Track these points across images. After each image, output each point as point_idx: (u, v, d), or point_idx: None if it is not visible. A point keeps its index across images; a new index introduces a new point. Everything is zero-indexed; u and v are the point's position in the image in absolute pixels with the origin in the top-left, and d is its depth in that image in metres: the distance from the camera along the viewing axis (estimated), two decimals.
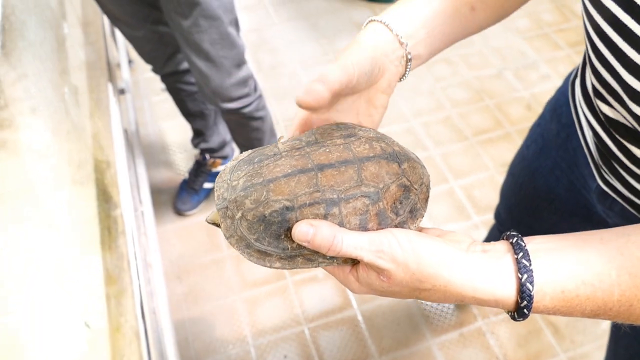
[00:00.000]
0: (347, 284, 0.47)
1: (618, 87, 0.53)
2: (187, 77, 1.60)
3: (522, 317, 0.43)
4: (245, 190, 0.45)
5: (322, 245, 0.42)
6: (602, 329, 1.59)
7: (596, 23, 0.52)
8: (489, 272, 0.43)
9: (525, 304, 0.42)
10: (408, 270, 0.42)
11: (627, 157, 0.61)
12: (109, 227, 1.02)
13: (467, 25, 0.58)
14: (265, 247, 0.44)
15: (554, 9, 2.64)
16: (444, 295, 0.43)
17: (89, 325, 0.74)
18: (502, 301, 0.43)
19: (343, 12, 2.65)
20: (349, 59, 0.48)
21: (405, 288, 0.43)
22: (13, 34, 0.74)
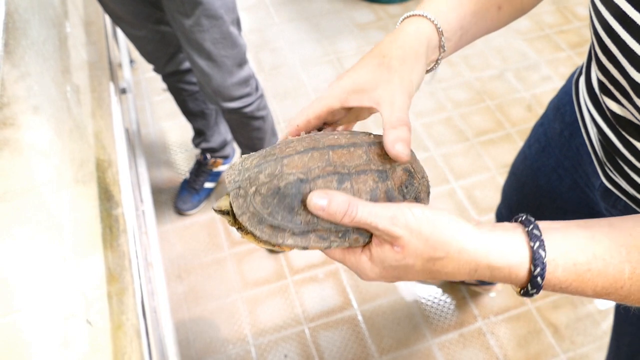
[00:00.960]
0: (360, 268, 0.46)
1: (625, 83, 0.53)
2: (189, 77, 1.60)
3: (536, 289, 0.43)
4: (259, 166, 0.46)
5: (337, 211, 0.42)
6: (602, 330, 1.59)
7: (604, 19, 0.52)
8: (502, 241, 0.43)
9: (539, 271, 0.42)
10: (421, 237, 0.42)
11: (633, 153, 0.61)
12: (110, 226, 1.02)
13: (492, 23, 0.60)
14: (278, 222, 0.44)
15: (555, 11, 2.64)
16: (458, 264, 0.43)
17: (91, 323, 0.75)
18: (515, 270, 0.43)
19: (344, 12, 2.66)
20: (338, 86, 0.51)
21: (419, 259, 0.43)
22: (16, 33, 0.74)
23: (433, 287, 1.69)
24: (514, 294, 1.65)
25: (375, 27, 2.57)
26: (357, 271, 0.47)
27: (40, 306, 0.70)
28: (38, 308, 0.69)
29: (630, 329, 0.79)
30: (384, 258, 0.44)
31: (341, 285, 1.70)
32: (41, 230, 0.79)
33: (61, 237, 0.83)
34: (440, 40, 0.54)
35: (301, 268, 1.74)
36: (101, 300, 0.84)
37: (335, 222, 0.43)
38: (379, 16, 2.62)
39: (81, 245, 0.87)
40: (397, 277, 0.46)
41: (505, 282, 0.44)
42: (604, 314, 1.63)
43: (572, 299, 1.65)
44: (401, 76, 0.50)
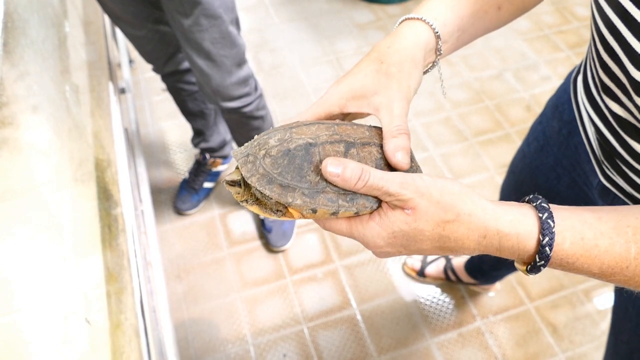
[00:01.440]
0: (367, 236, 0.46)
1: (626, 82, 0.54)
2: (188, 77, 1.60)
3: (544, 261, 0.43)
4: (268, 134, 0.47)
5: (351, 177, 0.44)
6: (600, 329, 1.60)
7: (607, 16, 0.52)
8: (511, 211, 0.44)
9: (547, 240, 0.42)
10: (432, 199, 0.43)
11: (630, 153, 0.62)
12: (109, 225, 1.02)
13: (492, 23, 0.60)
14: (288, 182, 0.45)
15: (555, 11, 2.65)
16: (468, 228, 0.43)
17: (90, 322, 0.75)
18: (523, 239, 0.43)
19: (344, 13, 2.66)
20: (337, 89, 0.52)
21: (429, 222, 0.43)
22: (15, 32, 0.74)
23: (432, 287, 1.70)
24: (512, 293, 1.65)
25: (375, 27, 2.58)
26: (364, 240, 0.47)
27: (40, 305, 0.70)
28: (38, 307, 0.69)
29: (629, 326, 0.79)
30: (394, 221, 0.44)
31: (340, 285, 1.70)
32: (40, 230, 0.79)
33: (60, 236, 0.83)
34: (437, 44, 0.55)
35: (300, 268, 1.74)
36: (100, 299, 0.84)
37: (349, 187, 0.44)
38: (378, 16, 2.62)
39: (80, 244, 0.87)
40: (405, 245, 0.45)
41: (511, 254, 0.44)
42: (602, 314, 1.63)
43: (570, 299, 1.66)
44: (399, 82, 0.50)
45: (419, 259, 1.71)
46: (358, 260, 1.75)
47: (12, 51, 0.76)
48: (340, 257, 1.76)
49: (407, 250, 0.46)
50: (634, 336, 0.79)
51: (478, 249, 0.44)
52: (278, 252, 1.78)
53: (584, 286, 1.69)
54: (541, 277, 1.70)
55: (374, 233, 0.46)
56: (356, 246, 1.79)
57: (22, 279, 0.69)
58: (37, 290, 0.70)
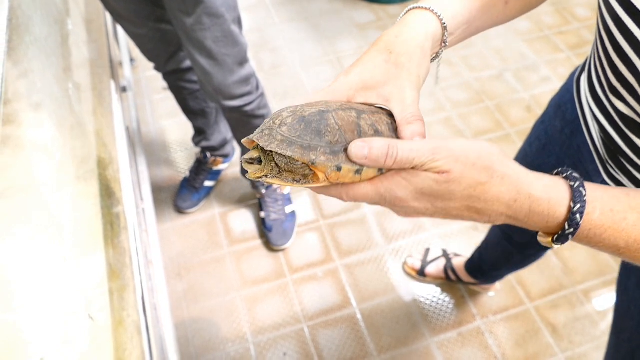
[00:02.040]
0: (394, 190, 0.44)
1: (633, 80, 0.54)
2: (189, 76, 1.60)
3: (573, 229, 0.43)
4: (280, 111, 0.48)
5: (379, 155, 0.42)
6: (600, 329, 1.60)
7: (616, 14, 0.52)
8: (542, 177, 0.44)
9: (579, 207, 0.42)
10: (468, 162, 0.42)
11: (634, 151, 0.62)
12: (111, 223, 1.02)
13: (498, 17, 0.60)
14: (308, 142, 0.45)
15: (555, 12, 2.65)
16: (499, 190, 0.42)
17: (93, 318, 0.75)
18: (554, 204, 0.43)
19: (344, 13, 2.66)
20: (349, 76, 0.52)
21: (461, 184, 0.42)
22: (19, 29, 0.74)
23: (432, 286, 1.70)
24: (512, 293, 1.66)
25: (375, 27, 2.58)
26: (391, 194, 0.44)
27: (43, 302, 0.70)
28: (41, 304, 0.70)
29: (630, 325, 0.79)
30: (424, 179, 0.43)
31: (340, 284, 1.70)
32: (43, 227, 0.79)
33: (63, 233, 0.83)
34: (444, 35, 0.55)
35: (300, 267, 1.74)
36: (103, 296, 0.84)
37: (379, 167, 0.43)
38: (379, 16, 2.63)
39: (83, 241, 0.87)
40: (433, 201, 0.43)
41: (540, 221, 0.44)
42: (602, 315, 1.63)
43: (570, 299, 1.66)
44: (409, 72, 0.50)
45: (419, 259, 1.72)
46: (358, 260, 1.76)
47: (16, 48, 0.76)
48: (340, 256, 1.77)
49: (434, 207, 0.44)
50: (636, 334, 0.79)
51: (507, 213, 0.43)
52: (278, 251, 1.78)
53: (583, 286, 1.69)
54: (540, 276, 1.71)
55: (402, 186, 0.43)
56: (356, 245, 1.79)
57: (25, 276, 0.69)
58: (40, 286, 0.71)
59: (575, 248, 1.77)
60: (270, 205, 1.80)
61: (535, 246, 1.23)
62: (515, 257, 1.31)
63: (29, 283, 0.70)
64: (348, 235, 1.82)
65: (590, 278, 1.71)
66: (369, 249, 1.79)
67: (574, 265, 1.74)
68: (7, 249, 0.68)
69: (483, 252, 1.47)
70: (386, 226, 1.84)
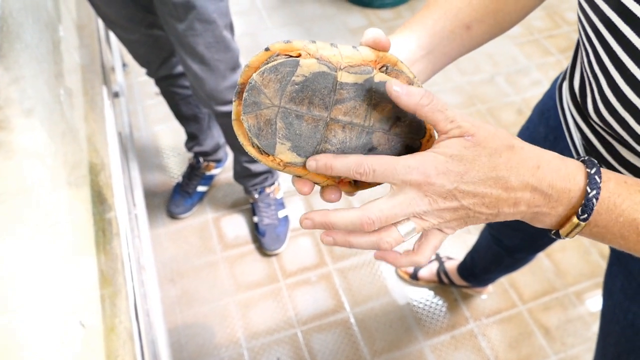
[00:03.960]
0: (421, 165, 0.42)
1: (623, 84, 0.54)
2: (181, 81, 1.60)
3: (595, 191, 0.42)
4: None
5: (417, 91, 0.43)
6: (592, 331, 1.61)
7: (607, 17, 0.52)
8: (556, 154, 0.45)
9: (595, 170, 0.43)
10: (489, 130, 0.43)
11: (615, 159, 0.62)
12: (103, 229, 1.02)
13: (464, 43, 0.60)
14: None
15: (545, 16, 2.67)
16: (522, 158, 0.42)
17: (84, 326, 0.75)
18: (573, 171, 0.43)
19: (337, 17, 2.67)
20: None
21: (487, 149, 0.42)
22: (10, 36, 0.74)
23: (425, 290, 1.70)
24: (505, 295, 1.66)
25: None
26: (420, 170, 0.42)
27: (34, 309, 0.70)
28: (32, 311, 0.69)
29: (616, 328, 0.80)
30: (452, 146, 0.42)
31: (334, 288, 1.70)
32: (34, 232, 0.79)
33: (54, 239, 0.83)
34: None
35: (294, 271, 1.74)
36: (94, 302, 0.84)
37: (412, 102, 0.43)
38: (371, 21, 2.64)
39: (74, 247, 0.87)
40: (462, 173, 0.42)
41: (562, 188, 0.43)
42: (594, 316, 1.64)
43: (562, 301, 1.67)
44: None
45: None
46: (351, 264, 1.76)
47: (6, 55, 0.76)
48: (333, 260, 1.77)
49: (463, 181, 0.42)
50: (622, 339, 0.80)
51: (530, 182, 0.42)
52: (272, 255, 1.78)
53: (575, 288, 1.70)
54: (532, 279, 1.72)
55: (427, 159, 0.42)
56: (349, 249, 1.79)
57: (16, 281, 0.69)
58: (31, 292, 0.70)
59: (566, 250, 1.78)
60: (263, 210, 1.80)
61: (525, 250, 1.24)
62: (505, 260, 1.32)
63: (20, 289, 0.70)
64: None
65: (582, 280, 1.72)
66: (362, 253, 1.79)
67: (565, 267, 1.75)
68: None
69: (474, 255, 1.48)
70: None
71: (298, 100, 0.44)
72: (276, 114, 0.45)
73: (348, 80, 0.44)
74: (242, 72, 0.45)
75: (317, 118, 0.46)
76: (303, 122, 0.45)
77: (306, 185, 0.48)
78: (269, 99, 0.44)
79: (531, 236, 1.15)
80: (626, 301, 0.77)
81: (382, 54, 0.46)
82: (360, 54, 0.45)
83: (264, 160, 0.46)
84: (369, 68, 0.45)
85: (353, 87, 0.44)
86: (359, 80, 0.44)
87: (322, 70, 0.43)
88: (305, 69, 0.43)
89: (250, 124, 0.45)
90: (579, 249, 1.79)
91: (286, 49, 0.44)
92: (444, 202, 0.43)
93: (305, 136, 0.46)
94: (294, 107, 0.45)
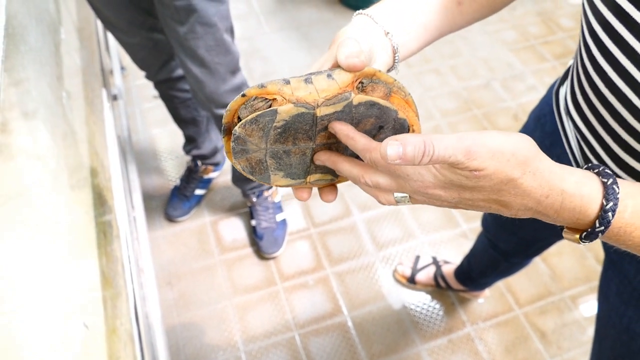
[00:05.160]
0: (422, 179, 0.43)
1: (623, 85, 0.55)
2: (181, 84, 1.61)
3: (604, 227, 0.42)
4: None
5: (416, 154, 0.39)
6: (588, 335, 1.62)
7: (605, 19, 0.53)
8: (575, 172, 0.43)
9: (612, 205, 0.42)
10: (503, 158, 0.40)
11: (614, 161, 0.63)
12: (104, 231, 1.02)
13: (454, 19, 0.60)
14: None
15: (540, 22, 2.70)
16: (531, 186, 0.41)
17: (87, 326, 0.75)
18: (587, 201, 0.42)
19: (334, 22, 2.68)
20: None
21: (493, 180, 0.40)
22: (15, 38, 0.74)
23: (422, 293, 1.71)
24: (501, 299, 1.67)
25: None
26: (418, 178, 0.43)
27: (37, 309, 0.70)
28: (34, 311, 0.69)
29: (612, 332, 0.80)
30: (454, 172, 0.41)
31: (331, 291, 1.71)
32: (35, 234, 0.79)
33: (56, 240, 0.83)
34: (391, 41, 0.54)
35: (291, 275, 1.75)
36: (96, 304, 0.84)
37: (412, 164, 0.40)
38: None
39: (76, 249, 0.87)
40: (458, 195, 0.42)
41: (571, 217, 0.43)
42: (589, 320, 1.65)
43: (558, 305, 1.68)
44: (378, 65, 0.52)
45: (409, 266, 1.73)
46: (349, 267, 1.77)
47: (10, 57, 0.76)
48: (331, 264, 1.77)
49: (460, 197, 0.42)
50: (618, 343, 0.80)
51: (535, 208, 0.42)
52: (269, 259, 1.79)
53: (570, 292, 1.71)
54: (528, 283, 1.73)
55: (431, 174, 0.42)
56: (347, 253, 1.80)
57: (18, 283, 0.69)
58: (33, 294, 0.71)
59: (562, 254, 1.79)
60: (261, 214, 1.80)
61: (520, 254, 1.25)
62: (501, 264, 1.33)
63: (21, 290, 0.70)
64: (338, 243, 1.83)
65: (578, 284, 1.73)
66: (360, 256, 1.80)
67: (561, 271, 1.76)
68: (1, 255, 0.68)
69: (471, 259, 1.49)
70: (376, 234, 1.85)
71: (282, 140, 0.47)
72: (265, 154, 0.48)
73: (327, 112, 0.45)
74: (224, 114, 0.47)
75: (303, 149, 0.48)
76: (291, 155, 0.48)
77: (304, 192, 0.52)
78: (255, 144, 0.47)
79: (526, 241, 1.16)
80: (622, 305, 0.77)
81: (359, 72, 0.45)
82: (337, 82, 0.44)
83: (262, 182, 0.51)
84: (347, 94, 0.44)
85: (333, 115, 0.45)
86: (338, 108, 0.45)
87: (300, 112, 0.44)
88: (284, 115, 0.44)
89: (242, 166, 0.49)
90: (575, 253, 1.80)
91: (262, 93, 0.45)
92: (439, 202, 0.45)
93: (296, 164, 0.49)
94: (280, 146, 0.47)
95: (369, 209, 1.92)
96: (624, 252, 0.72)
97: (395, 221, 1.88)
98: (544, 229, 1.00)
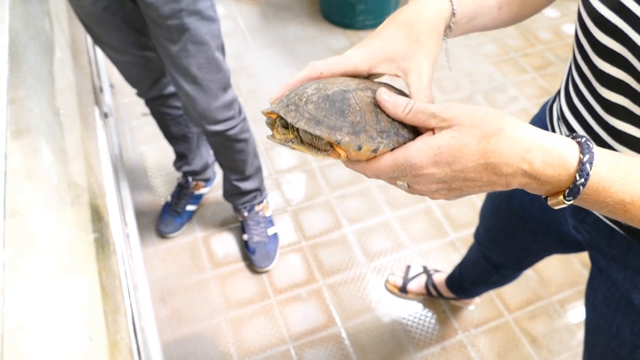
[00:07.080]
0: (412, 156, 0.47)
1: (630, 79, 0.57)
2: (172, 101, 1.63)
3: (584, 179, 0.44)
4: (302, 87, 0.51)
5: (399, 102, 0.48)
6: (577, 339, 1.65)
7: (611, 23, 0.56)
8: (549, 132, 0.46)
9: (588, 157, 0.44)
10: (476, 116, 0.45)
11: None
12: (102, 247, 1.03)
13: (491, 20, 0.65)
14: (334, 122, 0.48)
15: (519, 35, 2.78)
16: (512, 141, 0.44)
17: (92, 339, 0.76)
18: (565, 154, 0.45)
19: (319, 39, 2.73)
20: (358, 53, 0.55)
21: (475, 136, 0.44)
22: (18, 57, 0.76)
23: (414, 303, 1.73)
24: (492, 306, 1.70)
25: None
26: (410, 162, 0.47)
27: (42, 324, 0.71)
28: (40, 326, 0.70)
29: (602, 340, 0.81)
30: (440, 137, 0.45)
31: (324, 303, 1.72)
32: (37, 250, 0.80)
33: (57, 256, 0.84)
34: (451, 22, 0.58)
35: (284, 288, 1.76)
36: (99, 318, 0.85)
37: (397, 113, 0.48)
38: (353, 42, 2.70)
39: (77, 264, 0.88)
40: (451, 163, 0.46)
41: (552, 176, 0.45)
42: (579, 325, 1.69)
43: (547, 309, 1.71)
44: (428, 50, 0.54)
45: (400, 276, 1.75)
46: (341, 279, 1.78)
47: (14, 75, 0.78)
48: (323, 276, 1.79)
49: (452, 171, 0.46)
50: (608, 350, 0.80)
51: (522, 167, 0.45)
52: (262, 272, 1.80)
53: (558, 297, 1.75)
54: (517, 288, 1.76)
55: (420, 151, 0.46)
56: (338, 264, 1.82)
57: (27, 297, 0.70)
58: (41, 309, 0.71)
59: (549, 259, 1.83)
60: (253, 228, 1.82)
61: (511, 267, 1.27)
62: (493, 276, 1.35)
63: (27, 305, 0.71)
64: (330, 255, 1.85)
65: (565, 288, 1.77)
66: (351, 268, 1.81)
67: (548, 276, 1.80)
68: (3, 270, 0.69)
69: (463, 269, 1.50)
70: (367, 245, 1.87)
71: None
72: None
73: None
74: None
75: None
76: None
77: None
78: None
79: (517, 256, 1.18)
80: (610, 313, 0.78)
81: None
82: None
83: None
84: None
85: None
86: None
87: None
88: None
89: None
90: (561, 258, 1.84)
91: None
92: (435, 186, 0.48)
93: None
94: None
95: (359, 220, 1.94)
96: (611, 260, 0.75)
97: (385, 232, 1.91)
98: (534, 242, 1.03)
